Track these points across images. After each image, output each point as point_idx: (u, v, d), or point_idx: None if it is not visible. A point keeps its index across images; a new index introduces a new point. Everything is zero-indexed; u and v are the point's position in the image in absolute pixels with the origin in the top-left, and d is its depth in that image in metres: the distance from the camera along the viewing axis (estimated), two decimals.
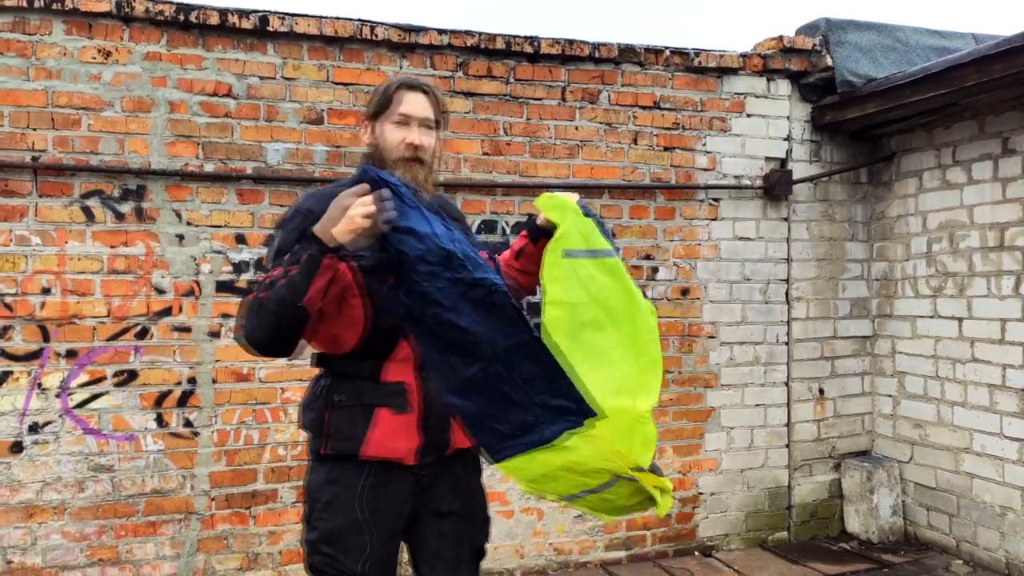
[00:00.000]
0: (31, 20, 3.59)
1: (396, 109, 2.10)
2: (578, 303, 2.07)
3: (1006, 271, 4.14)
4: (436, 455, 2.10)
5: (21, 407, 3.59)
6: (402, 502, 2.09)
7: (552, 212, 2.16)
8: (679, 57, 4.50)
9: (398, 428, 2.05)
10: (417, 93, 2.12)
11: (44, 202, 3.63)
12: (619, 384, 2.03)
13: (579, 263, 2.11)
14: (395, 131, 2.09)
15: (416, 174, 2.08)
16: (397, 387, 2.06)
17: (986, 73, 3.79)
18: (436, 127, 2.16)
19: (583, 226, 2.16)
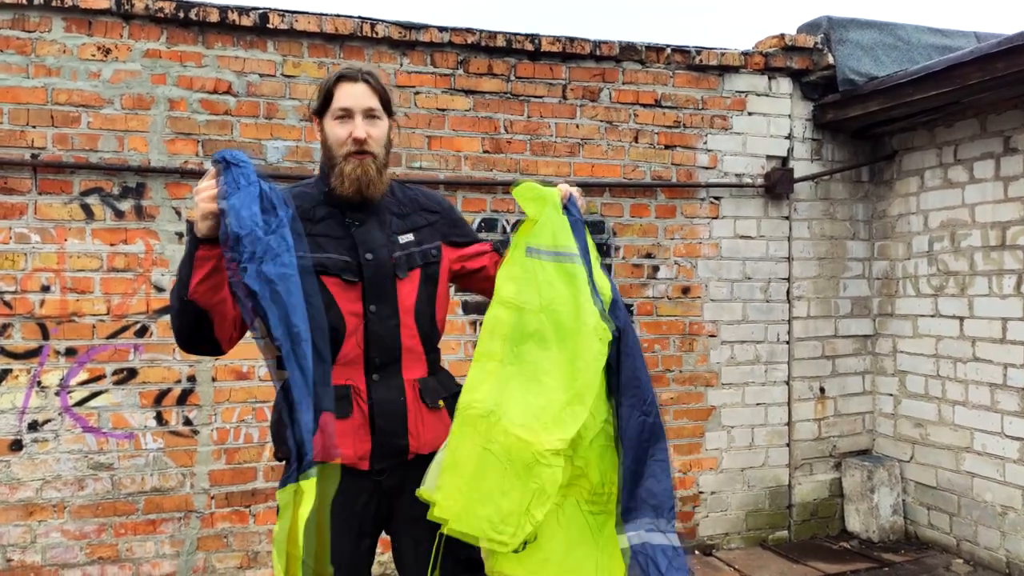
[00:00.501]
0: (31, 17, 3.58)
1: (337, 104, 2.04)
2: (526, 308, 2.00)
3: (1007, 270, 4.13)
4: (393, 460, 2.04)
5: (21, 405, 3.58)
6: (365, 502, 2.04)
7: (529, 204, 2.09)
8: (680, 55, 4.49)
9: (343, 433, 1.97)
10: (355, 84, 2.05)
11: (43, 200, 3.62)
12: (534, 412, 1.91)
13: (540, 264, 2.04)
14: (338, 127, 2.04)
15: (367, 168, 2.03)
16: (342, 391, 2.00)
17: (988, 72, 3.78)
18: (385, 114, 2.09)
19: (556, 223, 2.07)
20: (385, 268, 2.06)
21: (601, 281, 2.10)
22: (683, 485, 4.53)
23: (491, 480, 1.90)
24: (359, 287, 2.04)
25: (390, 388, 2.05)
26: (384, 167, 2.09)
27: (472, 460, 1.91)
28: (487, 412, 1.92)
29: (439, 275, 2.17)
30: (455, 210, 2.32)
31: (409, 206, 2.18)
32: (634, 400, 2.03)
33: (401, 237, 2.12)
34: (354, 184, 2.03)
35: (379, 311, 2.05)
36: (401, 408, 2.05)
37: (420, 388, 2.09)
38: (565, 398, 1.95)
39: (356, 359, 2.03)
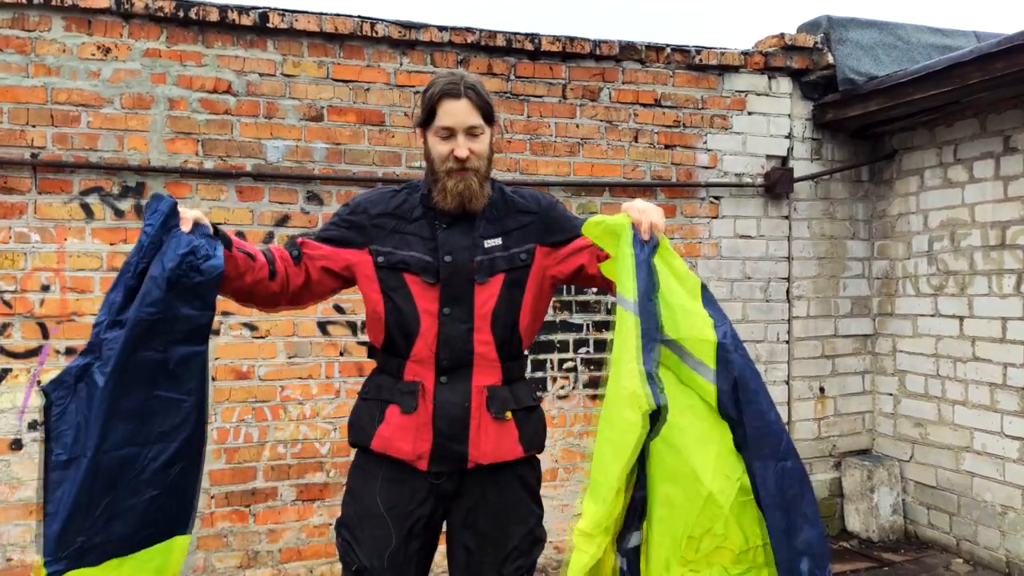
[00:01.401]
0: (30, 16, 3.58)
1: (439, 123, 2.03)
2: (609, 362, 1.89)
3: (1007, 270, 4.13)
4: (451, 465, 2.03)
5: (21, 404, 3.58)
6: (419, 503, 2.04)
7: (602, 241, 1.96)
8: (680, 55, 4.49)
9: (405, 428, 2.03)
10: (457, 101, 2.02)
11: (43, 199, 3.62)
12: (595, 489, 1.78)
13: (618, 310, 1.87)
14: (441, 145, 2.05)
15: (469, 183, 2.03)
16: (411, 386, 2.04)
17: (988, 71, 3.78)
18: (488, 123, 2.07)
19: (623, 261, 1.88)
20: (463, 271, 2.05)
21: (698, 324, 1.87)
22: None
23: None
24: (437, 288, 2.04)
25: (455, 392, 2.04)
26: (486, 179, 2.09)
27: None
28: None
29: (527, 280, 2.11)
30: (557, 208, 2.20)
31: (503, 210, 2.14)
32: (767, 451, 1.85)
33: (487, 241, 2.09)
34: (456, 199, 2.03)
35: (453, 314, 2.04)
36: (464, 414, 2.03)
37: (488, 396, 2.05)
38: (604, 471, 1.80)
39: (427, 359, 2.04)
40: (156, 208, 1.90)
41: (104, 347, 1.81)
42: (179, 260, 1.84)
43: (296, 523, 3.93)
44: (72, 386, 1.82)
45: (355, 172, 3.99)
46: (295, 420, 3.93)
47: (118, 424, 1.80)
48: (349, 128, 4.00)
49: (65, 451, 1.78)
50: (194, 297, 1.87)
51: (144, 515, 1.84)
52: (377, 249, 2.08)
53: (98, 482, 1.78)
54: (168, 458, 1.86)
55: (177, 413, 1.88)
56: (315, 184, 3.95)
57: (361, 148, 4.03)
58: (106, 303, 1.86)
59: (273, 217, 3.90)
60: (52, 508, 1.77)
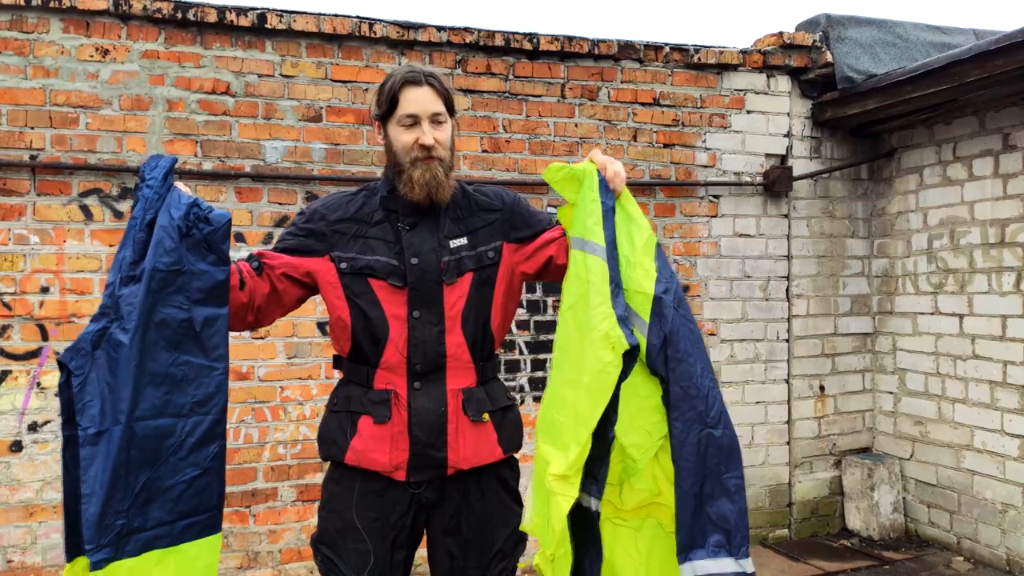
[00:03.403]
0: (29, 18, 3.58)
1: (402, 111, 2.00)
2: (562, 309, 1.91)
3: (1007, 267, 4.13)
4: (430, 473, 1.99)
5: (20, 406, 3.59)
6: (400, 514, 2.00)
7: (564, 186, 1.96)
8: (679, 54, 4.49)
9: (380, 439, 1.97)
10: (420, 88, 2.01)
11: (42, 201, 3.62)
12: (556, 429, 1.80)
13: (574, 255, 1.90)
14: (404, 133, 2.01)
15: (436, 173, 1.99)
16: (383, 395, 1.99)
17: (987, 69, 3.78)
18: (449, 114, 2.05)
19: (588, 206, 1.90)
20: (431, 273, 2.00)
21: (637, 275, 1.89)
22: None
23: (542, 506, 1.81)
24: (405, 292, 1.99)
25: (431, 397, 1.98)
26: (451, 169, 2.05)
27: (535, 481, 1.86)
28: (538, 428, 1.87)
29: (496, 278, 2.07)
30: (521, 204, 2.18)
31: (467, 208, 2.11)
32: (692, 413, 1.84)
33: (453, 241, 2.05)
34: (424, 189, 1.99)
35: (423, 317, 1.98)
36: (441, 419, 1.97)
37: (464, 399, 2.00)
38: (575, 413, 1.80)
39: (398, 365, 1.98)
40: (156, 164, 1.83)
41: (122, 303, 1.70)
42: (186, 210, 1.78)
43: (296, 524, 3.93)
44: (90, 353, 1.69)
45: (354, 172, 3.99)
46: (295, 421, 3.93)
47: (149, 389, 1.69)
48: (348, 128, 4.00)
49: (94, 423, 1.65)
50: (207, 250, 1.79)
51: (183, 499, 1.72)
52: (339, 255, 2.02)
53: (135, 454, 1.66)
54: (204, 433, 1.75)
55: (210, 382, 1.78)
56: (314, 184, 3.96)
57: (359, 148, 4.03)
58: (116, 263, 1.75)
59: (272, 218, 3.90)
60: (88, 488, 1.63)
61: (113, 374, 1.68)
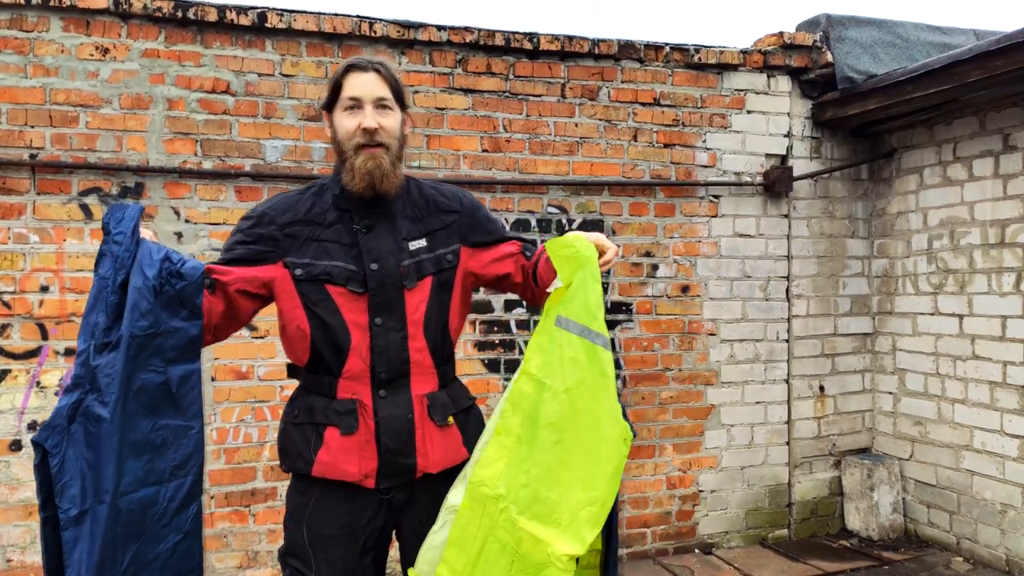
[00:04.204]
0: (29, 17, 3.58)
1: (345, 94, 1.93)
2: (548, 387, 1.82)
3: (1007, 268, 4.13)
4: (399, 479, 1.96)
5: (20, 405, 3.58)
6: (370, 518, 1.96)
7: (563, 264, 1.89)
8: (679, 53, 4.49)
9: (348, 449, 1.92)
10: (365, 73, 1.93)
11: (42, 200, 3.62)
12: (548, 508, 1.77)
13: (567, 338, 1.84)
14: (347, 118, 1.93)
15: (380, 161, 1.92)
16: (348, 405, 1.93)
17: (987, 69, 3.78)
18: (399, 106, 1.98)
19: (591, 291, 1.86)
20: (392, 278, 1.94)
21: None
22: (683, 484, 4.53)
23: (499, 567, 1.78)
24: (365, 298, 1.93)
25: (397, 404, 1.94)
26: (398, 160, 1.97)
27: (478, 543, 1.80)
28: (496, 496, 1.79)
29: (454, 281, 2.04)
30: (480, 208, 2.15)
31: (425, 208, 2.05)
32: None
33: (412, 243, 1.99)
34: (366, 178, 1.92)
35: (385, 323, 1.93)
36: (408, 426, 1.94)
37: (429, 404, 1.98)
38: (584, 497, 1.80)
39: (362, 373, 1.93)
40: (122, 216, 1.72)
41: (99, 374, 1.64)
42: (159, 267, 1.70)
43: None
44: (66, 429, 1.64)
45: None
46: None
47: (130, 460, 1.63)
48: None
49: (75, 504, 1.59)
50: (179, 305, 1.73)
51: (168, 567, 1.68)
52: (293, 261, 1.93)
53: (120, 531, 1.60)
54: (186, 495, 1.71)
55: (187, 442, 1.72)
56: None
57: None
58: (86, 328, 1.68)
59: None
60: (73, 572, 1.57)
61: (93, 449, 1.61)
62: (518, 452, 1.81)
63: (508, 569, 1.78)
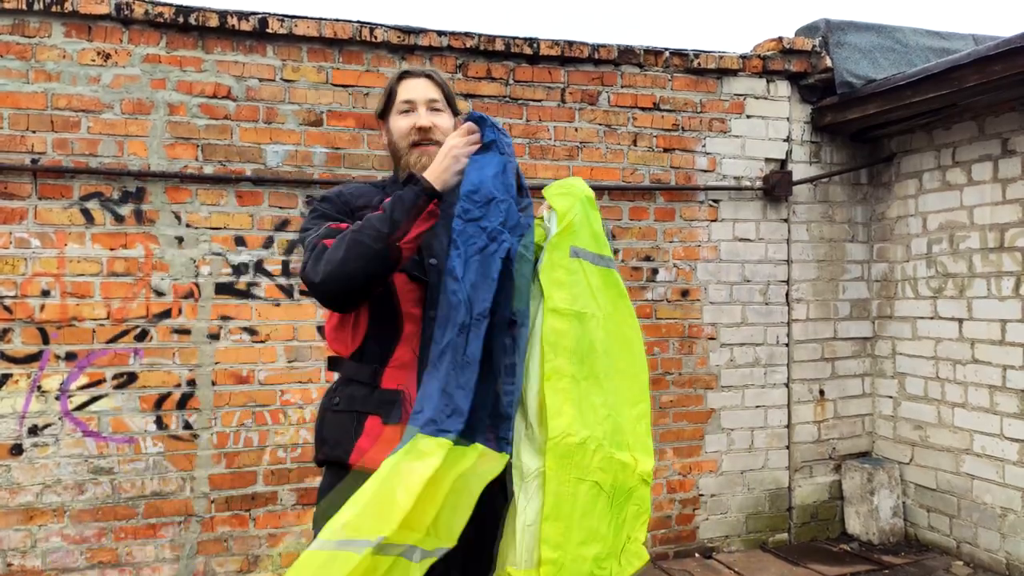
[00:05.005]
0: (30, 23, 3.59)
1: (399, 98, 2.05)
2: (588, 315, 1.82)
3: (1006, 272, 4.13)
4: None
5: (21, 409, 3.59)
6: None
7: (558, 199, 1.93)
8: (678, 58, 4.50)
9: (388, 439, 1.91)
10: (417, 79, 2.06)
11: (44, 204, 3.63)
12: (621, 432, 1.81)
13: (588, 267, 1.87)
14: (401, 119, 2.04)
15: (433, 157, 1.95)
16: (393, 395, 1.95)
17: (986, 74, 3.79)
18: (449, 108, 2.08)
19: (596, 222, 1.92)
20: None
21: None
22: (683, 488, 4.53)
23: (597, 515, 1.77)
24: (422, 288, 1.96)
25: None
26: None
27: (576, 498, 1.75)
28: (583, 440, 1.75)
29: None
30: None
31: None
32: None
33: None
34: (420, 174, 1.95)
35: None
36: None
37: None
38: (635, 412, 1.86)
39: (409, 364, 1.95)
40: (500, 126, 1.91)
41: (519, 223, 1.85)
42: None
43: (296, 527, 3.93)
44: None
45: (354, 177, 3.99)
46: (295, 424, 3.93)
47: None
48: (348, 132, 4.01)
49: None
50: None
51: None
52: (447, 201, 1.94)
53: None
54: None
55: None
56: (315, 188, 3.96)
57: (360, 152, 4.04)
58: (504, 184, 1.83)
59: (273, 222, 3.91)
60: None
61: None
62: (579, 390, 1.79)
63: (607, 510, 1.78)
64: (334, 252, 1.83)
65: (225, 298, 3.85)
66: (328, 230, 1.92)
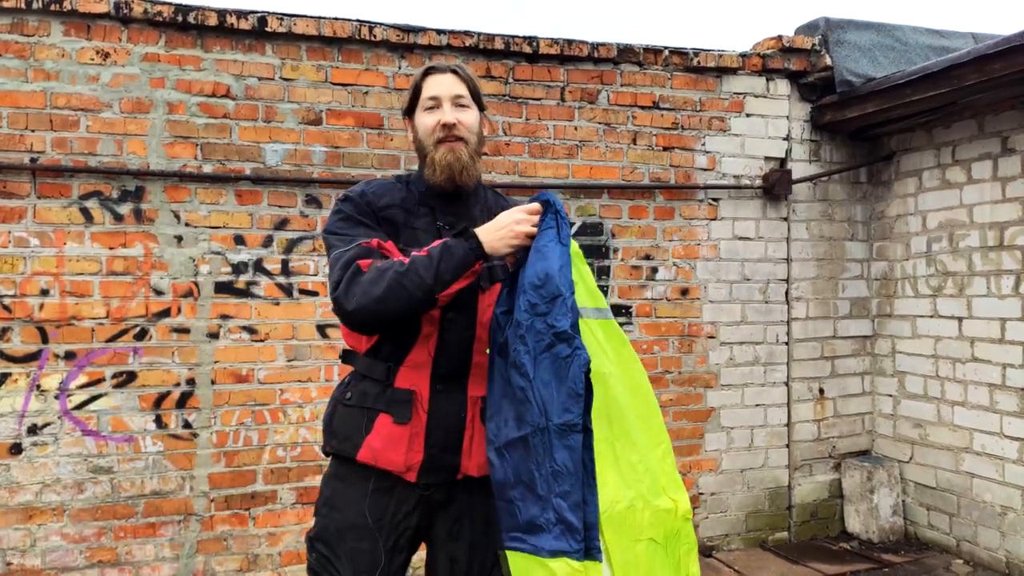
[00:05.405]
0: (29, 21, 3.59)
1: (425, 94, 2.02)
2: (608, 373, 1.86)
3: (1006, 270, 4.13)
4: (442, 476, 1.97)
5: (20, 409, 3.59)
6: (407, 514, 1.97)
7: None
8: (678, 57, 4.50)
9: (398, 439, 1.93)
10: (443, 75, 2.03)
11: (43, 203, 3.63)
12: (654, 478, 1.86)
13: (592, 324, 1.90)
14: (427, 116, 2.01)
15: (459, 155, 1.97)
16: (405, 395, 1.95)
17: (985, 72, 3.79)
18: (475, 104, 2.05)
19: (588, 276, 1.95)
20: None
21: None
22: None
23: (659, 566, 1.84)
24: None
25: (452, 401, 1.96)
26: (477, 155, 2.03)
27: (639, 559, 1.82)
28: (630, 503, 1.82)
29: None
30: None
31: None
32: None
33: None
34: (446, 171, 1.97)
35: (456, 320, 1.96)
36: (460, 424, 1.96)
37: (483, 407, 1.97)
38: (659, 452, 1.91)
39: (423, 364, 1.95)
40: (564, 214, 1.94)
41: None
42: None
43: (296, 526, 3.93)
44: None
45: (354, 175, 3.99)
46: (294, 423, 3.93)
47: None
48: (348, 131, 4.01)
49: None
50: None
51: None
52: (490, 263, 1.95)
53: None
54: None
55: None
56: (314, 187, 3.96)
57: (360, 151, 4.03)
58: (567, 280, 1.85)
59: (272, 221, 3.91)
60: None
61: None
62: (615, 452, 1.84)
63: (665, 558, 1.85)
64: (372, 286, 1.81)
65: (224, 297, 3.84)
66: (360, 249, 1.88)
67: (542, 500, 1.75)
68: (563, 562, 1.71)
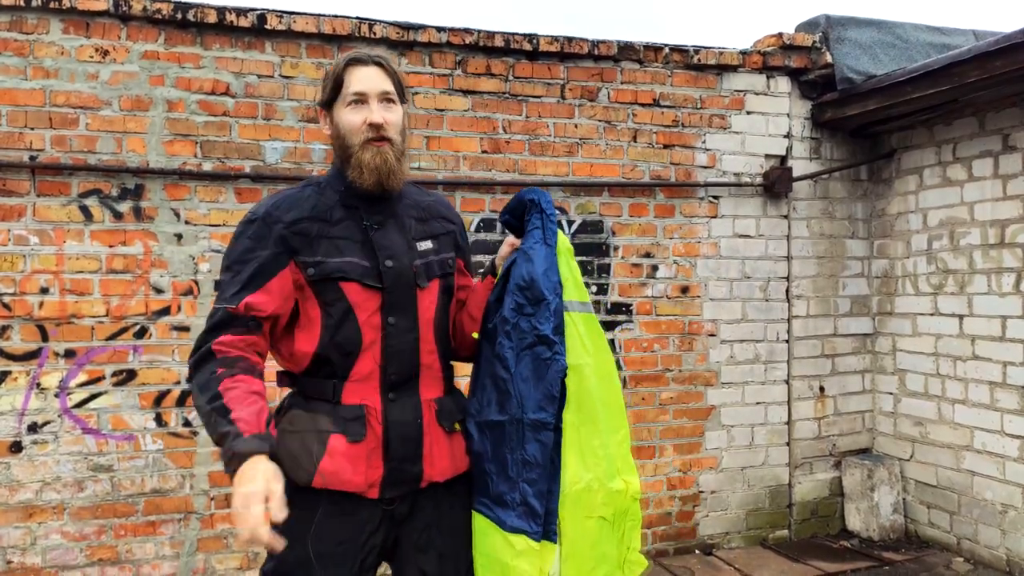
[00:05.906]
0: (28, 19, 3.58)
1: (349, 90, 1.86)
2: (584, 364, 1.94)
3: (1007, 268, 4.13)
4: (404, 488, 1.87)
5: (20, 407, 3.58)
6: (371, 533, 1.86)
7: None
8: (678, 54, 4.49)
9: (354, 458, 1.82)
10: (369, 67, 1.87)
11: (42, 201, 3.62)
12: (610, 460, 1.96)
13: (576, 317, 1.97)
14: (352, 113, 1.86)
15: (387, 156, 1.86)
16: (355, 411, 1.84)
17: (987, 70, 3.78)
18: (400, 101, 1.92)
19: (576, 271, 2.02)
20: (406, 277, 1.89)
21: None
22: (683, 484, 4.53)
23: (604, 541, 1.96)
24: (379, 296, 1.86)
25: (406, 409, 1.87)
26: (402, 155, 1.91)
27: (587, 534, 1.93)
28: (587, 484, 1.92)
29: (453, 288, 2.02)
30: (463, 226, 2.18)
31: (427, 211, 2.02)
32: None
33: (420, 244, 1.94)
34: (374, 174, 1.85)
35: (399, 323, 1.87)
36: (417, 431, 1.88)
37: (437, 410, 1.92)
38: (617, 438, 1.99)
39: (371, 375, 1.85)
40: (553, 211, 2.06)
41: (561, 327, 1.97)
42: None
43: None
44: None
45: None
46: None
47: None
48: None
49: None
50: None
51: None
52: (304, 261, 1.83)
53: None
54: None
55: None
56: None
57: None
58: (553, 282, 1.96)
59: None
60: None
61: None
62: (579, 436, 1.93)
63: (611, 534, 1.97)
64: (198, 391, 1.80)
65: None
66: (225, 315, 1.82)
67: (511, 481, 1.87)
68: (522, 538, 1.85)
